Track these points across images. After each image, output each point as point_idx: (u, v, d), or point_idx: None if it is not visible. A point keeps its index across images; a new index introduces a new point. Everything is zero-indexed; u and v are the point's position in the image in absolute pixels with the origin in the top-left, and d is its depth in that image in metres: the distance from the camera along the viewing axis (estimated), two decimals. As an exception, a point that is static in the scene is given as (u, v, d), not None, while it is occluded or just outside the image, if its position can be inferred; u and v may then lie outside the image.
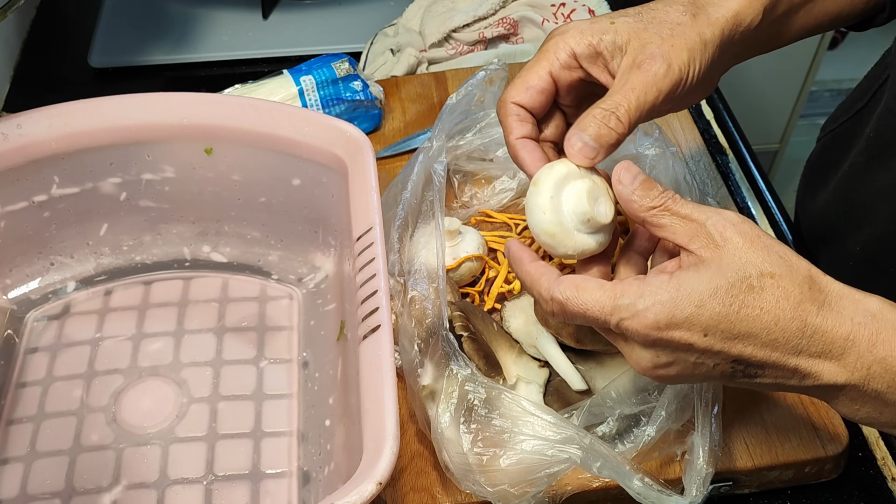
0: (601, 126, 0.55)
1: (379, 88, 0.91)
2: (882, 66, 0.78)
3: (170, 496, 0.65)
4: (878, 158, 0.73)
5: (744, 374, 0.51)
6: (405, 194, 0.73)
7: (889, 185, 0.72)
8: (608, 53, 0.58)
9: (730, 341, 0.49)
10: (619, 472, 0.58)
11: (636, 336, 0.50)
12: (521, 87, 0.59)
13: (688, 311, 0.49)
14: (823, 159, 0.87)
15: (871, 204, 0.74)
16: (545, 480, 0.58)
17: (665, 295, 0.49)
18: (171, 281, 0.78)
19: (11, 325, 0.74)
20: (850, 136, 0.80)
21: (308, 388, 0.71)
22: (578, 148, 0.56)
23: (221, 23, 1.07)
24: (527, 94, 0.59)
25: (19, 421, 0.68)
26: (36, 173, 0.71)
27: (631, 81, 0.56)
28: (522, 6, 1.02)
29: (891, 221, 0.72)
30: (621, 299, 0.50)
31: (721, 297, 0.49)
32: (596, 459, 0.57)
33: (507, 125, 0.60)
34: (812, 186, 0.87)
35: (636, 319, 0.49)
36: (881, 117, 0.74)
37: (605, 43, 0.58)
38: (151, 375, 0.71)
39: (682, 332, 0.49)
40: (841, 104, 0.86)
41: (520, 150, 0.60)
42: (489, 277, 0.76)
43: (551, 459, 0.58)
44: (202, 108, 0.72)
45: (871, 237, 0.74)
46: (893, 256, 0.60)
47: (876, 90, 0.77)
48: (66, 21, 1.11)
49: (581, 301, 0.51)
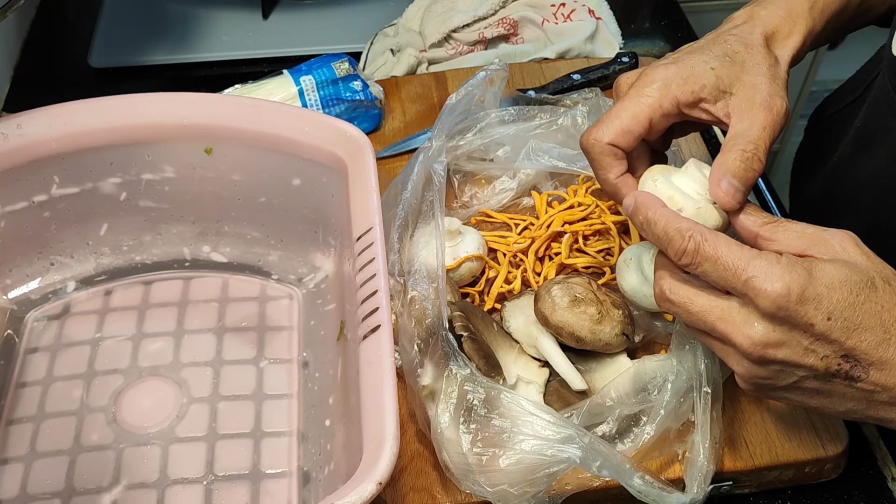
0: (747, 169, 0.58)
1: (379, 88, 0.91)
2: (875, 61, 0.79)
3: (170, 496, 0.65)
4: (865, 148, 0.74)
5: (846, 375, 0.52)
6: (405, 194, 0.73)
7: (874, 174, 0.72)
8: (711, 98, 0.61)
9: (849, 331, 0.51)
10: (619, 471, 0.58)
11: (763, 300, 0.51)
12: (617, 129, 0.61)
13: (819, 290, 0.51)
14: (811, 149, 0.87)
15: (857, 193, 0.75)
16: (545, 480, 0.58)
17: (800, 270, 0.51)
18: (171, 281, 0.78)
19: (11, 325, 0.74)
20: (838, 127, 0.81)
21: (308, 388, 0.71)
22: (730, 193, 0.57)
23: (221, 23, 1.07)
24: (624, 138, 0.62)
25: (19, 421, 0.68)
26: (36, 173, 0.71)
27: (761, 120, 0.59)
28: (522, 6, 1.02)
29: (875, 210, 0.73)
30: (758, 259, 0.52)
31: (849, 287, 0.51)
32: (595, 458, 0.57)
33: (605, 165, 0.63)
34: (799, 178, 0.88)
35: (768, 282, 0.50)
36: (870, 108, 0.75)
37: (708, 89, 0.61)
38: (151, 375, 0.71)
39: (808, 307, 0.51)
40: (830, 96, 0.87)
41: (622, 187, 0.63)
42: (489, 277, 0.76)
43: (551, 459, 0.58)
44: (202, 108, 0.72)
45: (856, 225, 0.75)
46: (876, 244, 0.62)
47: (868, 84, 0.78)
48: (66, 21, 1.11)
49: (718, 246, 0.53)
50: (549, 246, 0.77)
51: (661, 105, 0.61)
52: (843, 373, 0.52)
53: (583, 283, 0.67)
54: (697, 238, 0.53)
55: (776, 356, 0.52)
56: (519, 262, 0.76)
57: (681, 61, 0.62)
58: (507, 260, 0.76)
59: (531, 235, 0.77)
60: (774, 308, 0.51)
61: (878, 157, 0.72)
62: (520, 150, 0.81)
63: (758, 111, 0.60)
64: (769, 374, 0.53)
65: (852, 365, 0.51)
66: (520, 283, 0.75)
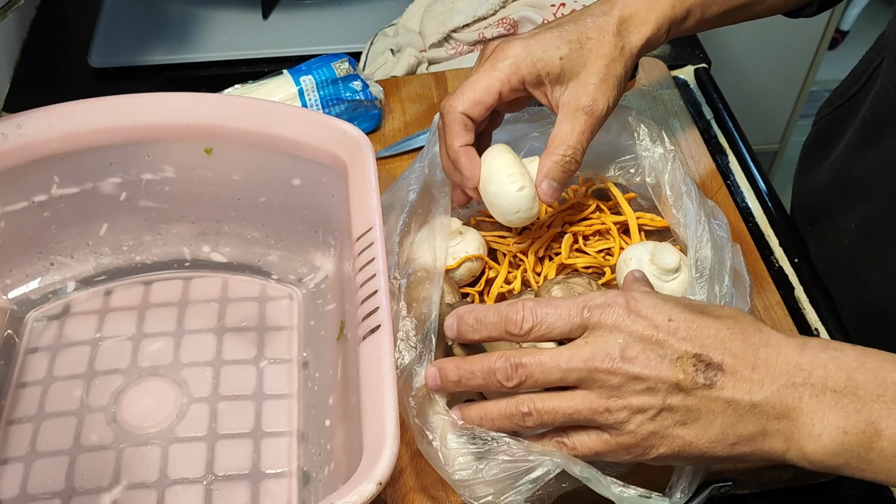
0: (564, 171, 0.68)
1: (379, 88, 0.91)
2: (877, 48, 0.79)
3: (170, 496, 0.65)
4: (874, 137, 0.74)
5: (705, 377, 0.51)
6: (409, 194, 0.73)
7: (884, 162, 0.72)
8: (550, 84, 0.68)
9: (691, 329, 0.52)
10: (595, 478, 0.56)
11: (609, 314, 0.52)
12: (471, 99, 0.67)
13: (654, 299, 0.53)
14: (818, 142, 0.88)
15: (866, 182, 0.75)
16: (528, 487, 0.56)
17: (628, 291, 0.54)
18: (171, 281, 0.78)
19: (11, 325, 0.74)
20: (845, 118, 0.81)
21: (308, 388, 0.71)
22: (549, 192, 0.68)
23: (221, 23, 1.07)
24: (476, 108, 0.67)
25: (19, 421, 0.68)
26: (36, 173, 0.71)
27: (581, 125, 0.67)
28: (522, 6, 1.02)
29: (886, 198, 0.73)
30: (587, 294, 0.54)
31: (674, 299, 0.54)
32: (576, 464, 0.56)
33: (454, 132, 0.68)
34: (806, 168, 0.88)
35: (609, 296, 0.53)
36: (876, 97, 0.75)
37: (551, 77, 0.67)
38: (151, 375, 0.71)
39: (650, 311, 0.52)
40: (836, 88, 0.87)
41: (462, 156, 0.68)
42: (489, 278, 0.76)
43: (532, 464, 0.56)
44: (202, 108, 0.72)
45: (866, 214, 0.75)
46: (889, 232, 0.62)
47: (871, 73, 0.78)
48: (66, 21, 1.11)
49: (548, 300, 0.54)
50: (549, 246, 0.77)
51: (510, 80, 0.67)
52: (701, 373, 0.51)
53: (583, 282, 0.67)
54: (528, 304, 0.54)
55: (632, 371, 0.51)
56: (519, 263, 0.76)
57: (536, 40, 0.67)
58: (507, 260, 0.76)
59: (531, 235, 0.77)
60: (624, 315, 0.52)
61: (889, 146, 0.72)
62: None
63: (580, 115, 0.67)
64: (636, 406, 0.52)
65: (707, 364, 0.51)
66: (520, 283, 0.75)
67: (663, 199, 0.72)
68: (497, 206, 0.69)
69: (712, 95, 0.97)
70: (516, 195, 0.68)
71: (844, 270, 0.78)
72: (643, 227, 0.76)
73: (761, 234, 0.84)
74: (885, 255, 0.73)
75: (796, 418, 0.50)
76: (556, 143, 0.67)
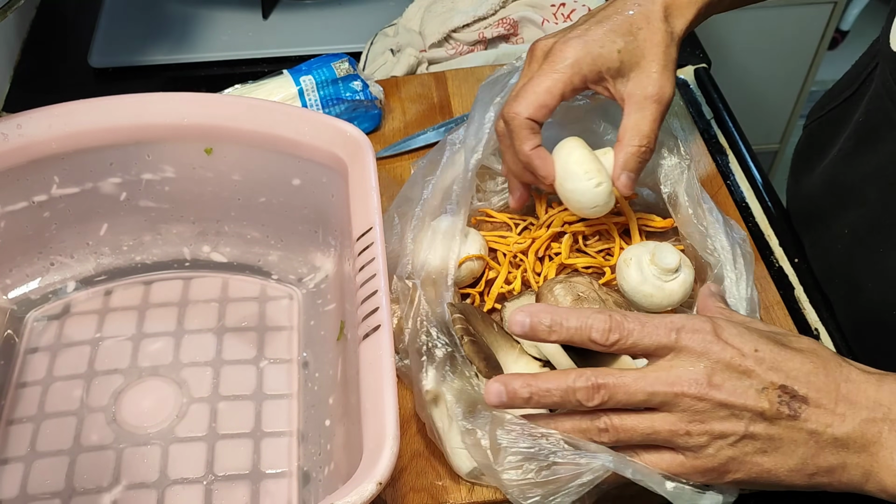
0: (641, 162, 0.69)
1: (379, 88, 0.91)
2: (870, 54, 0.79)
3: (170, 496, 0.65)
4: (867, 142, 0.74)
5: (789, 408, 0.52)
6: (425, 193, 0.73)
7: (878, 167, 0.73)
8: (611, 78, 0.69)
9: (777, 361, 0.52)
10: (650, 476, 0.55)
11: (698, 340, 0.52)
12: (535, 104, 0.67)
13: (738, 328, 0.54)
14: (810, 146, 0.88)
15: (860, 187, 0.75)
16: (578, 489, 0.55)
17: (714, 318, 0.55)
18: (171, 281, 0.78)
19: (11, 325, 0.74)
20: (837, 122, 0.81)
21: (308, 388, 0.71)
22: (628, 185, 0.69)
23: (221, 23, 1.07)
24: (540, 112, 0.68)
25: (19, 421, 0.68)
26: (36, 173, 0.71)
27: (651, 113, 0.68)
28: (522, 6, 1.02)
29: (880, 203, 0.73)
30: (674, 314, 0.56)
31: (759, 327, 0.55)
32: (627, 466, 0.55)
33: (522, 137, 0.68)
34: (798, 173, 0.88)
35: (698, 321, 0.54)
36: (870, 102, 0.75)
37: (611, 71, 0.68)
38: (151, 375, 0.71)
39: (736, 340, 0.53)
40: (828, 92, 0.87)
41: (534, 158, 0.69)
42: (489, 278, 0.76)
43: (584, 468, 0.55)
44: (202, 108, 0.72)
45: (860, 219, 0.75)
46: (883, 237, 0.63)
47: (865, 78, 0.78)
48: (66, 21, 1.11)
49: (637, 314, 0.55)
50: (549, 246, 0.77)
51: (572, 81, 0.68)
52: (786, 404, 0.52)
53: (585, 282, 0.67)
54: (615, 316, 0.54)
55: (718, 397, 0.52)
56: (519, 263, 0.76)
57: (591, 37, 0.68)
58: (507, 260, 0.76)
59: (531, 235, 0.77)
60: (712, 342, 0.52)
61: (883, 151, 0.72)
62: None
63: (648, 104, 0.68)
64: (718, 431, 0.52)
65: (791, 396, 0.52)
66: (520, 283, 0.75)
67: (680, 210, 0.72)
68: (575, 201, 0.71)
69: (712, 95, 0.97)
70: (594, 191, 0.69)
71: (839, 275, 0.78)
72: (643, 228, 0.76)
73: (761, 234, 0.84)
74: (879, 259, 0.73)
75: (876, 452, 0.51)
76: (630, 135, 0.68)
